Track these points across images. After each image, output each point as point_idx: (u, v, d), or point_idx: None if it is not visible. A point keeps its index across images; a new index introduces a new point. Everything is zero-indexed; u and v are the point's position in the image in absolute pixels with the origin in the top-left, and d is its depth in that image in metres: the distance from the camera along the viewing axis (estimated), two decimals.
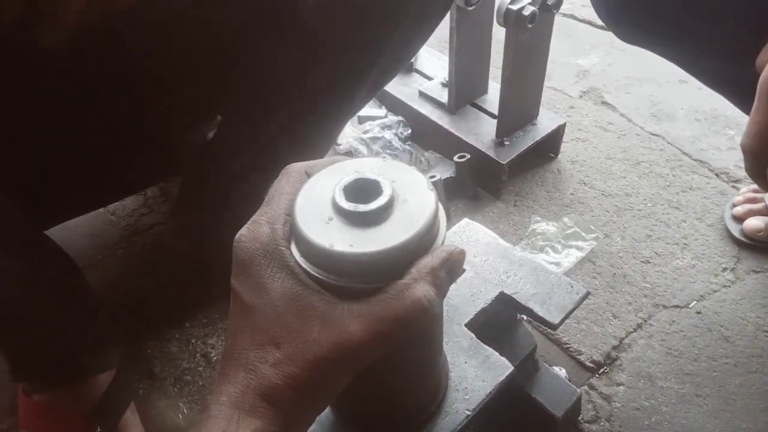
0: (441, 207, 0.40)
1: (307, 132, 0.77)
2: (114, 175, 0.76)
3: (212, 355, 0.89)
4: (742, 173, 0.62)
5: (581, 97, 1.31)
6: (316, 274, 0.37)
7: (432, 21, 0.78)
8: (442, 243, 0.39)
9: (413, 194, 0.38)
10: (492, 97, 1.16)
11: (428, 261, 0.37)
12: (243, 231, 0.39)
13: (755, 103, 0.55)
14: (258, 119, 0.77)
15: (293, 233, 0.38)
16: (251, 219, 0.39)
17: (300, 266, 0.37)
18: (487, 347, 0.57)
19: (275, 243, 0.37)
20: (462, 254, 0.38)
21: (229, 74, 0.77)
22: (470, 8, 1.00)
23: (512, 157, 1.06)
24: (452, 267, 0.38)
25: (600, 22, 0.88)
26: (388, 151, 1.17)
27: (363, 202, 0.37)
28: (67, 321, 0.72)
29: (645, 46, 0.84)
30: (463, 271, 0.63)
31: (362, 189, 0.38)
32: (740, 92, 0.76)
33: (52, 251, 0.73)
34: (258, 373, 0.36)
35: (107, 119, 0.73)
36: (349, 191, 0.38)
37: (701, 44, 0.75)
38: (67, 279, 0.75)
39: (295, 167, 0.41)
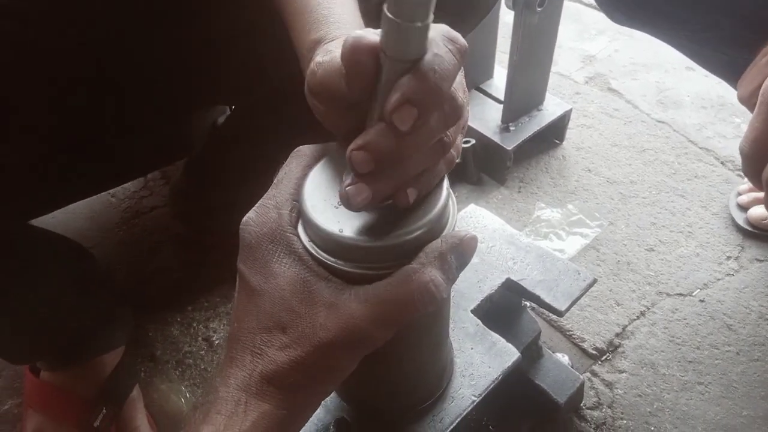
0: (452, 192, 0.39)
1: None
2: (120, 158, 0.76)
3: (214, 338, 0.89)
4: None
5: (587, 83, 1.29)
6: (324, 259, 0.36)
7: None
8: (453, 229, 0.39)
9: None
10: (498, 82, 1.15)
11: (437, 246, 0.36)
12: (250, 214, 0.38)
13: (756, 110, 0.54)
14: (279, 110, 0.76)
15: (301, 217, 0.37)
16: (259, 202, 0.39)
17: (307, 251, 0.37)
18: (493, 333, 0.57)
19: (282, 228, 0.37)
20: (473, 240, 0.38)
21: (246, 63, 0.75)
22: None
23: (517, 143, 1.05)
24: (463, 252, 0.37)
25: None
26: None
27: None
28: (75, 301, 0.72)
29: (645, 32, 0.83)
30: None
31: None
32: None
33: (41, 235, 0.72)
34: (265, 357, 0.36)
35: (117, 102, 0.72)
36: None
37: (695, 32, 0.74)
38: (68, 262, 0.74)
39: (305, 150, 0.40)
